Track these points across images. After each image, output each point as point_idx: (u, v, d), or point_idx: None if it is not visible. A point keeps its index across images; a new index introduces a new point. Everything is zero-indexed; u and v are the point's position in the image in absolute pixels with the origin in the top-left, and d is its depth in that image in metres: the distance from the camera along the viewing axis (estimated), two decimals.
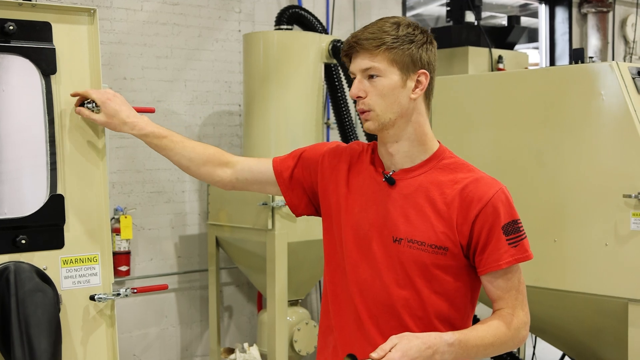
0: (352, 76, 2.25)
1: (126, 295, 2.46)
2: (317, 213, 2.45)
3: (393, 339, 2.02)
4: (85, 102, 2.33)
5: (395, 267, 2.20)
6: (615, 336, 3.93)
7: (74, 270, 2.35)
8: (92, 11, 2.43)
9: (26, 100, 2.32)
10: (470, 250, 2.19)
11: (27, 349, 2.11)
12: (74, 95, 2.37)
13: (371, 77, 2.17)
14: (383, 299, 2.21)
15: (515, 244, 2.16)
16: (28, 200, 2.30)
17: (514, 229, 2.17)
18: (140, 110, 2.47)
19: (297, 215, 2.51)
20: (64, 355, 2.26)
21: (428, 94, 2.24)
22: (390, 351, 1.99)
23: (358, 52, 2.18)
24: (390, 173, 2.25)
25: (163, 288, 2.90)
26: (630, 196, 3.72)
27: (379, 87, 2.17)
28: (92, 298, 2.38)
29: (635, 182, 3.73)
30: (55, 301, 2.23)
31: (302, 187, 2.44)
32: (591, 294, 3.89)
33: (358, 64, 2.19)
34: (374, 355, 1.97)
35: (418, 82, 2.20)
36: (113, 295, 2.41)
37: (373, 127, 2.20)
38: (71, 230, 2.34)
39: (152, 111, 2.53)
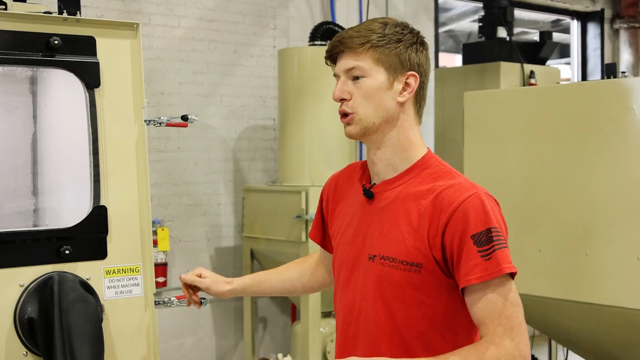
0: (336, 79, 2.05)
1: (176, 305, 2.48)
2: None
3: None
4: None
5: (372, 289, 1.98)
6: None
7: (116, 281, 2.34)
8: (135, 26, 2.42)
9: (70, 113, 2.33)
10: (448, 266, 1.90)
11: (70, 359, 2.10)
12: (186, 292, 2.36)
13: (356, 78, 1.98)
14: (362, 325, 2.00)
15: (487, 256, 1.83)
16: (72, 211, 2.30)
17: (487, 239, 1.84)
18: (173, 125, 2.49)
19: None
20: None
21: (418, 99, 2.03)
22: None
23: (342, 52, 2.00)
24: (371, 186, 2.05)
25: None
26: None
27: (364, 88, 1.98)
28: (157, 303, 2.40)
29: None
30: (97, 311, 2.22)
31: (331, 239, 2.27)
32: (623, 307, 3.86)
33: (342, 64, 2.00)
34: None
35: (406, 84, 1.99)
36: (177, 303, 2.43)
37: (355, 131, 2.00)
38: (114, 241, 2.33)
39: (185, 126, 2.53)
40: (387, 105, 1.98)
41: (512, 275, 1.87)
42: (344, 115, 2.01)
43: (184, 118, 2.47)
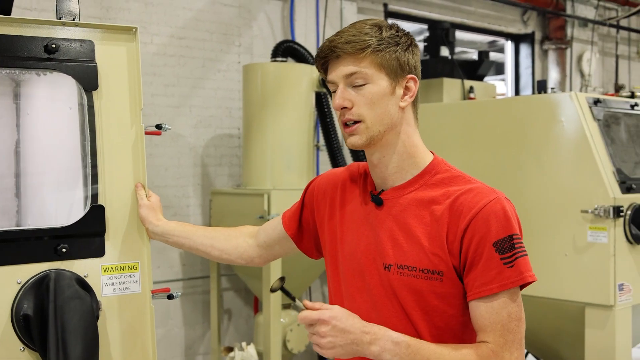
0: (331, 87, 1.78)
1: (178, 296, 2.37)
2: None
3: (336, 306, 1.67)
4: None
5: (390, 298, 1.75)
6: (574, 336, 3.94)
7: (114, 278, 2.18)
8: (133, 30, 2.28)
9: (68, 117, 2.20)
10: (461, 272, 1.69)
11: (62, 355, 1.96)
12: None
13: (356, 85, 1.73)
14: None
15: (510, 263, 1.64)
16: (70, 210, 2.16)
17: (509, 246, 1.64)
18: (148, 134, 2.37)
19: (315, 259, 2.12)
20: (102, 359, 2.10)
21: (416, 102, 1.81)
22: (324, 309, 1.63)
23: (339, 58, 1.73)
24: (379, 193, 1.82)
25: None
26: (587, 211, 3.74)
27: (368, 95, 1.72)
28: (169, 297, 2.29)
29: (591, 199, 3.76)
30: (93, 308, 2.07)
31: (310, 231, 2.05)
32: (552, 298, 3.90)
33: (341, 70, 1.73)
34: (308, 303, 1.66)
35: (407, 88, 1.76)
36: (152, 296, 2.28)
37: (360, 142, 1.75)
38: (112, 239, 2.19)
39: (158, 134, 2.38)
40: (391, 112, 1.74)
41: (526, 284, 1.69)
42: (348, 124, 1.75)
43: (159, 127, 2.35)
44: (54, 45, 2.14)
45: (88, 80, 2.19)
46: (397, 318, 1.74)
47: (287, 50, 5.39)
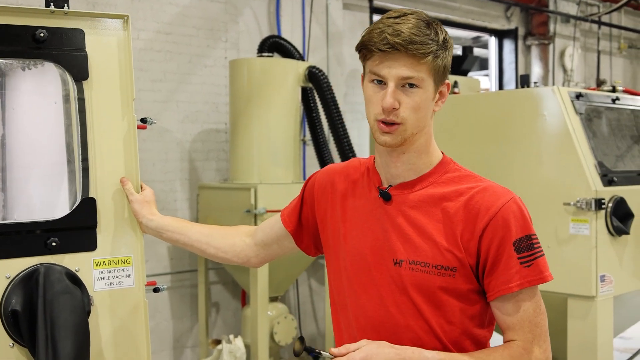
0: (373, 77, 1.68)
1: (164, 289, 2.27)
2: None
3: (362, 342, 1.62)
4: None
5: (402, 294, 1.71)
6: (556, 327, 3.95)
7: (106, 272, 2.10)
8: (125, 18, 2.19)
9: (56, 109, 2.12)
10: (479, 272, 1.68)
11: (51, 352, 1.89)
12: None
13: (408, 86, 1.65)
14: (389, 334, 1.71)
15: (528, 263, 1.64)
16: (60, 203, 2.08)
17: (527, 246, 1.65)
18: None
19: (313, 256, 2.05)
20: (95, 355, 2.04)
21: None
22: (354, 351, 1.59)
23: (395, 55, 1.63)
24: (387, 188, 1.77)
25: None
26: (569, 204, 3.75)
27: (416, 100, 1.65)
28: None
29: (573, 191, 3.77)
30: (83, 303, 1.99)
31: (309, 227, 1.99)
32: None
33: (397, 72, 1.63)
34: (334, 350, 1.62)
35: (441, 93, 1.73)
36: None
37: (394, 142, 1.69)
38: (103, 232, 2.11)
39: (144, 128, 2.29)
40: (427, 116, 1.71)
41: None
42: (385, 123, 1.68)
43: (143, 121, 2.26)
44: (42, 34, 2.06)
45: (78, 70, 2.11)
46: (408, 314, 1.71)
47: (273, 45, 5.37)
